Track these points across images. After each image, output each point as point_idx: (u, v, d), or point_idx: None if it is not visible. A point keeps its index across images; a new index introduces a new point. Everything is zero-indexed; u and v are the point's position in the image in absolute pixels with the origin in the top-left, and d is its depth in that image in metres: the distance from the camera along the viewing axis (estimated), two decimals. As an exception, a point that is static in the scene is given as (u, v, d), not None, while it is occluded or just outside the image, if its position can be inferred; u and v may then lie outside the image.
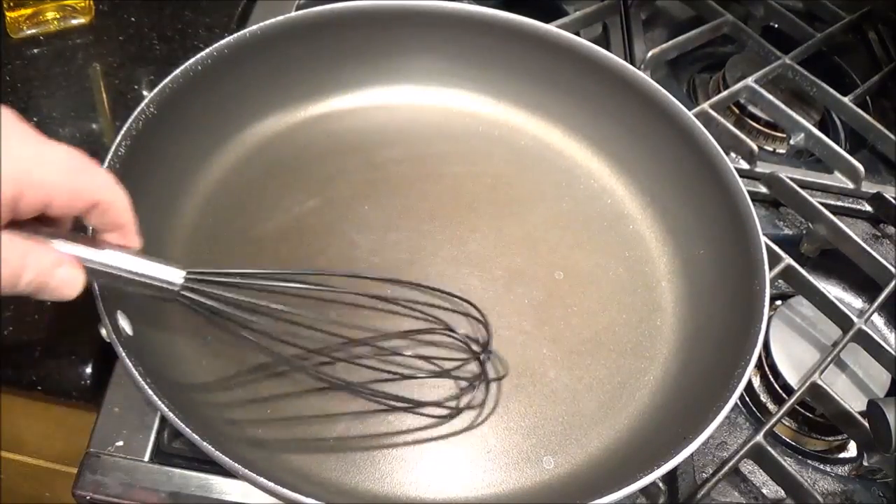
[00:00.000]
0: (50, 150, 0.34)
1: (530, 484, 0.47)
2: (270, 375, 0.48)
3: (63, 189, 0.34)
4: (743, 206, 0.53)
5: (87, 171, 0.36)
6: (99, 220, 0.37)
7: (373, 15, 0.61)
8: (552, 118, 0.64)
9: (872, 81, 0.78)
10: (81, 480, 0.46)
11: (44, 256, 0.36)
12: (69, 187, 0.35)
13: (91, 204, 0.36)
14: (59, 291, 0.37)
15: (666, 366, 0.52)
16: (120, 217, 0.38)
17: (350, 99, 0.63)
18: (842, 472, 0.55)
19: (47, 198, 0.34)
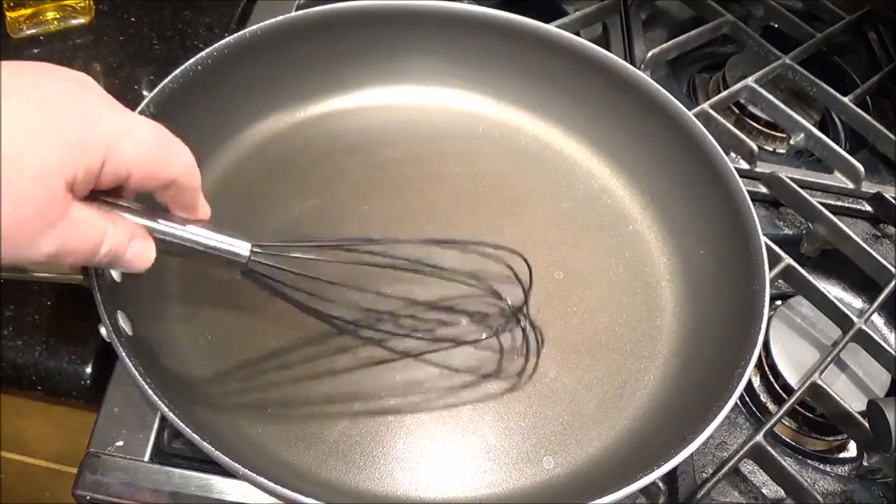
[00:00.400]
0: (137, 123, 0.35)
1: (530, 484, 0.47)
2: (270, 375, 0.49)
3: (145, 165, 0.34)
4: (743, 206, 0.53)
5: (170, 149, 0.36)
6: (172, 198, 0.38)
7: (373, 15, 0.61)
8: (552, 118, 0.64)
9: (872, 81, 0.78)
10: (81, 480, 0.46)
11: (121, 230, 0.36)
12: (152, 164, 0.35)
13: (168, 182, 0.36)
14: (131, 263, 0.37)
15: (666, 366, 0.52)
16: (193, 199, 0.38)
17: (350, 99, 0.63)
18: (842, 472, 0.55)
19: (128, 172, 0.34)
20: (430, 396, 0.49)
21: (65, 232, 0.32)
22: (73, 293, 0.46)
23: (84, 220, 0.34)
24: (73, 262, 0.34)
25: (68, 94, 0.33)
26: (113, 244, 0.35)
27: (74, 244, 0.33)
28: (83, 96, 0.33)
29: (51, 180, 0.31)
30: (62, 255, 0.33)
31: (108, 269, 0.45)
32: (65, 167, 0.31)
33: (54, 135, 0.31)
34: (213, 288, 0.52)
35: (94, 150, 0.32)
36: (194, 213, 0.39)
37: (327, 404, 0.48)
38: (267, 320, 0.51)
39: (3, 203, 0.30)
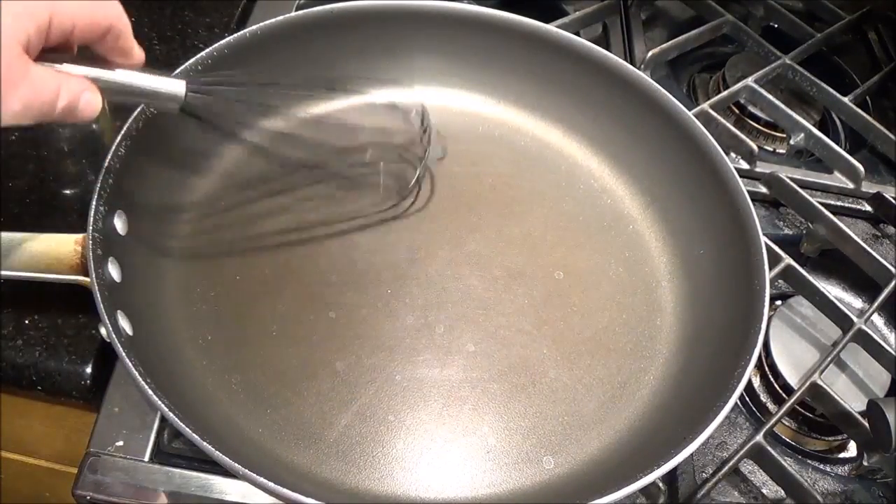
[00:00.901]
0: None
1: (530, 484, 0.47)
2: (271, 375, 0.49)
3: (86, 16, 0.39)
4: (743, 206, 0.53)
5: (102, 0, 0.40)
6: (111, 45, 0.41)
7: (373, 15, 0.61)
8: (552, 118, 0.64)
9: (872, 81, 0.78)
10: (81, 480, 0.46)
11: (73, 83, 0.39)
12: (91, 13, 0.39)
13: (106, 29, 0.40)
14: (83, 112, 0.40)
15: (666, 366, 0.52)
16: (127, 41, 0.42)
17: (350, 99, 0.63)
18: (842, 472, 0.55)
19: (72, 23, 0.38)
20: (430, 396, 0.49)
21: (27, 90, 0.36)
22: (73, 293, 0.46)
23: (42, 77, 0.37)
24: (36, 116, 0.38)
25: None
26: (68, 97, 0.39)
27: (37, 99, 0.37)
28: None
29: (8, 45, 0.35)
30: (27, 112, 0.37)
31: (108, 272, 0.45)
32: (18, 31, 0.35)
33: (3, 3, 0.35)
34: (213, 288, 0.52)
35: (40, 9, 0.36)
36: (131, 57, 0.42)
37: (328, 404, 0.48)
38: (267, 320, 0.51)
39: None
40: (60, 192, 0.58)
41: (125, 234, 0.48)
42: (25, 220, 0.56)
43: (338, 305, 0.52)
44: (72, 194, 0.58)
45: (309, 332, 0.51)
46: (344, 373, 0.49)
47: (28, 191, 0.57)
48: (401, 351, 0.51)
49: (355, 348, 0.50)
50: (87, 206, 0.46)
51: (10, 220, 0.56)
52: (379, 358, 0.50)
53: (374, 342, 0.51)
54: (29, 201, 0.57)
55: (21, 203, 0.57)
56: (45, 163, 0.59)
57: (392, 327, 0.52)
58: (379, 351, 0.50)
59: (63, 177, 0.59)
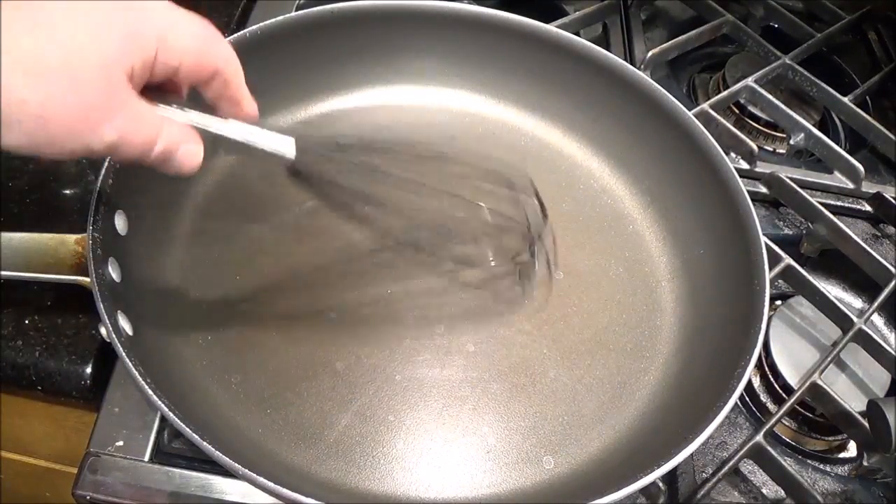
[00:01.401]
0: (185, 17, 0.36)
1: (530, 484, 0.47)
2: (271, 375, 0.49)
3: (192, 56, 0.36)
4: (743, 206, 0.53)
5: (215, 41, 0.38)
6: (218, 91, 0.39)
7: (373, 15, 0.61)
8: (552, 118, 0.64)
9: (872, 81, 0.78)
10: (81, 480, 0.46)
11: (175, 129, 0.37)
12: (198, 55, 0.37)
13: (214, 73, 0.38)
14: (181, 164, 0.38)
15: (666, 366, 0.52)
16: (238, 91, 0.40)
17: (350, 99, 0.63)
18: (842, 472, 0.55)
19: (178, 62, 0.36)
20: (430, 396, 0.49)
21: (125, 122, 0.34)
22: (73, 293, 0.46)
23: (143, 114, 0.35)
24: (130, 154, 0.35)
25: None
26: (167, 142, 0.37)
27: (133, 135, 0.35)
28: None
29: (112, 70, 0.33)
30: (121, 146, 0.34)
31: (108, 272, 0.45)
32: (124, 58, 0.33)
33: (112, 29, 0.33)
34: (213, 288, 0.52)
35: (148, 41, 0.34)
36: (240, 106, 0.40)
37: (328, 404, 0.48)
38: (267, 320, 0.51)
39: (67, 93, 0.32)
40: (60, 192, 0.58)
41: (125, 234, 0.48)
42: (25, 220, 0.56)
43: (338, 305, 0.52)
44: (72, 194, 0.58)
45: (309, 332, 0.51)
46: (344, 373, 0.49)
47: (28, 191, 0.57)
48: (401, 351, 0.51)
49: (355, 348, 0.50)
50: (87, 206, 0.46)
51: (10, 220, 0.56)
52: (379, 358, 0.50)
53: (374, 342, 0.51)
54: (29, 201, 0.57)
55: (21, 203, 0.57)
56: (45, 163, 0.59)
57: (392, 327, 0.52)
58: (379, 351, 0.50)
59: (63, 177, 0.59)
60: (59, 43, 0.31)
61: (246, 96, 0.40)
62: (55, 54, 0.31)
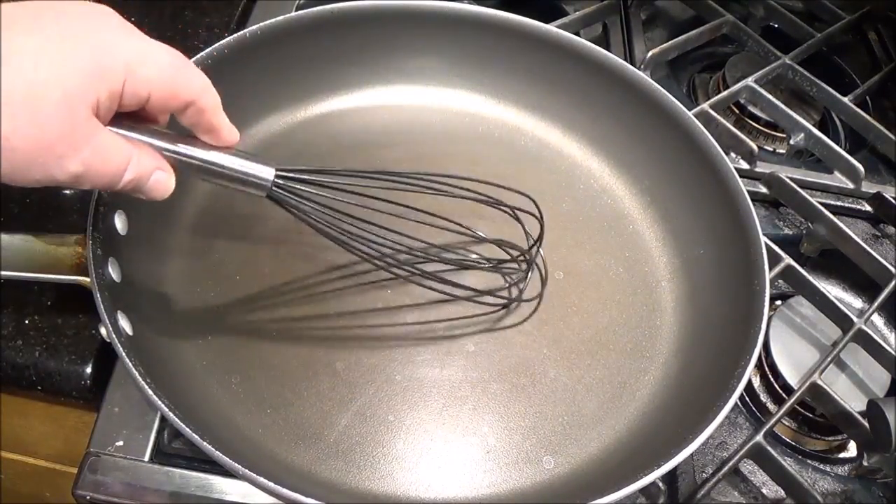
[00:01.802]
0: (154, 48, 0.37)
1: (530, 484, 0.47)
2: (271, 375, 0.49)
3: (164, 86, 0.36)
4: (743, 206, 0.53)
5: (186, 71, 0.38)
6: (193, 119, 0.39)
7: (373, 15, 0.61)
8: (552, 118, 0.64)
9: (872, 81, 0.78)
10: (81, 480, 0.46)
11: (145, 159, 0.38)
12: (169, 85, 0.37)
13: (187, 103, 0.38)
14: (151, 192, 0.39)
15: (666, 366, 0.52)
16: (213, 118, 0.39)
17: (350, 99, 0.63)
18: (842, 472, 0.55)
19: (148, 93, 0.36)
20: (430, 396, 0.49)
21: (91, 155, 0.35)
22: (73, 293, 0.46)
23: (110, 146, 0.36)
24: (98, 184, 0.36)
25: (87, 24, 0.35)
26: (136, 172, 0.37)
27: (100, 167, 0.35)
28: (101, 24, 0.35)
29: (74, 105, 0.33)
30: (88, 177, 0.35)
31: (108, 272, 0.45)
32: (87, 92, 0.34)
33: (76, 63, 0.33)
34: (213, 288, 0.52)
35: (114, 73, 0.34)
36: (217, 135, 0.40)
37: (328, 404, 0.48)
38: (267, 320, 0.51)
39: (30, 126, 0.32)
40: (60, 192, 0.58)
41: (125, 234, 0.48)
42: (25, 220, 0.56)
43: (338, 306, 0.52)
44: (72, 194, 0.58)
45: (309, 332, 0.51)
46: (344, 373, 0.49)
47: (28, 191, 0.57)
48: (401, 351, 0.51)
49: (355, 348, 0.50)
50: (87, 206, 0.46)
51: (10, 220, 0.56)
52: (379, 358, 0.50)
53: (374, 342, 0.51)
54: (29, 201, 0.57)
55: (21, 203, 0.57)
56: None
57: (392, 327, 0.52)
58: (379, 351, 0.50)
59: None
60: (24, 77, 0.32)
61: (223, 125, 0.40)
62: (19, 89, 0.32)
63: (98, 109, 0.35)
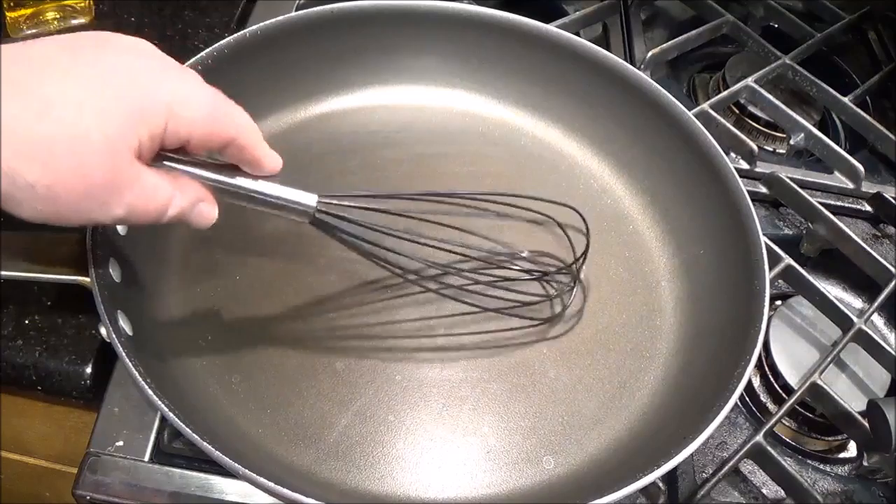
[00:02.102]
0: (195, 88, 0.37)
1: (530, 484, 0.47)
2: (271, 375, 0.49)
3: (202, 126, 0.36)
4: (743, 206, 0.53)
5: (227, 112, 0.38)
6: (235, 155, 0.39)
7: (373, 15, 0.61)
8: (552, 118, 0.64)
9: (872, 81, 0.78)
10: (81, 480, 0.46)
11: (188, 193, 0.38)
12: (210, 125, 0.37)
13: (227, 142, 0.38)
14: (195, 223, 0.39)
15: (666, 366, 0.52)
16: (255, 153, 0.39)
17: (350, 99, 0.63)
18: (842, 472, 0.55)
19: (189, 133, 0.36)
20: (430, 396, 0.49)
21: (133, 198, 0.35)
22: (73, 293, 0.46)
23: (152, 186, 0.36)
24: (141, 222, 0.36)
25: (126, 65, 0.34)
26: (180, 207, 0.37)
27: (143, 208, 0.36)
28: (141, 65, 0.35)
29: (117, 150, 0.33)
30: (131, 218, 0.35)
31: (108, 272, 0.45)
32: (128, 136, 0.33)
33: (116, 107, 0.33)
34: (213, 288, 0.52)
35: (155, 116, 0.34)
36: (259, 168, 0.40)
37: (328, 404, 0.48)
38: (266, 321, 0.51)
39: (73, 175, 0.32)
40: (60, 192, 0.58)
41: (125, 234, 0.48)
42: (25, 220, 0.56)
43: (338, 305, 0.52)
44: (72, 194, 0.58)
45: (309, 332, 0.51)
46: (344, 373, 0.49)
47: (28, 191, 0.57)
48: (401, 351, 0.51)
49: (355, 348, 0.50)
50: (87, 206, 0.46)
51: (10, 220, 0.55)
52: (379, 358, 0.50)
53: (374, 342, 0.51)
54: (29, 201, 0.57)
55: (21, 203, 0.57)
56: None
57: (392, 327, 0.52)
58: (379, 351, 0.50)
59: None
60: (66, 126, 0.32)
61: (265, 156, 0.40)
62: (61, 138, 0.31)
63: (140, 152, 0.34)
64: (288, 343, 0.50)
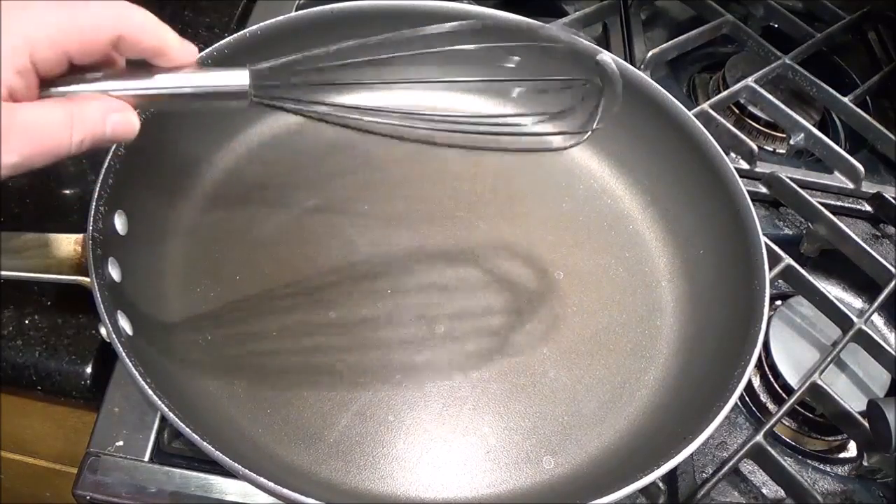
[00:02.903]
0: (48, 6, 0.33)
1: (530, 484, 0.47)
2: (271, 375, 0.49)
3: (75, 36, 0.33)
4: (743, 206, 0.53)
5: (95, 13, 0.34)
6: (134, 51, 0.35)
7: (373, 15, 0.61)
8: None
9: (872, 81, 0.78)
10: (81, 480, 0.46)
11: (89, 110, 0.34)
12: (80, 32, 0.33)
13: (112, 40, 0.34)
14: (116, 138, 0.35)
15: (666, 366, 0.52)
16: (153, 40, 0.35)
17: (350, 99, 0.63)
18: (842, 472, 0.55)
19: (63, 52, 0.33)
20: (430, 396, 0.49)
21: (20, 142, 0.32)
22: (73, 293, 0.46)
23: (38, 120, 0.33)
24: (48, 160, 0.33)
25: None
26: (85, 128, 0.34)
27: (38, 147, 0.33)
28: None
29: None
30: (32, 161, 0.33)
31: (108, 272, 0.45)
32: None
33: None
34: (213, 288, 0.52)
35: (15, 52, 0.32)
36: (168, 56, 0.36)
37: (328, 404, 0.48)
38: (267, 320, 0.51)
39: None
40: (60, 192, 0.58)
41: (125, 234, 0.48)
42: (25, 220, 0.56)
43: (338, 305, 0.52)
44: (72, 194, 0.58)
45: (309, 332, 0.51)
46: (344, 373, 0.49)
47: (28, 191, 0.57)
48: (401, 351, 0.51)
49: (355, 348, 0.50)
50: (87, 206, 0.46)
51: (10, 220, 0.56)
52: (379, 358, 0.50)
53: (374, 342, 0.51)
54: (29, 201, 0.57)
55: (21, 203, 0.57)
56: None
57: (392, 327, 0.52)
58: (379, 351, 0.50)
59: (63, 177, 0.59)
60: None
61: (169, 44, 0.36)
62: None
63: (12, 93, 0.32)
64: (288, 343, 0.50)
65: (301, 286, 0.53)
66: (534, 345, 0.52)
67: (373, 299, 0.53)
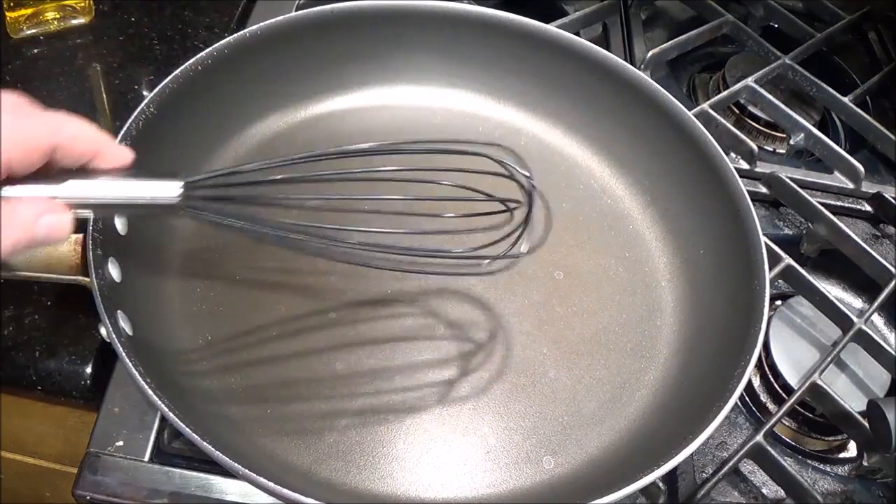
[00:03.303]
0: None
1: (530, 484, 0.47)
2: (271, 375, 0.49)
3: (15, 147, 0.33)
4: (743, 206, 0.53)
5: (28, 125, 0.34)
6: (71, 158, 0.35)
7: (373, 15, 0.61)
8: (552, 118, 0.64)
9: (872, 81, 0.78)
10: (81, 480, 0.46)
11: (20, 215, 0.34)
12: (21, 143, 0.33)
13: (48, 149, 0.34)
14: (48, 240, 0.35)
15: (666, 366, 0.52)
16: (89, 147, 0.36)
17: (350, 99, 0.63)
18: (842, 472, 0.55)
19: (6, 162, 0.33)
20: (429, 396, 0.49)
21: None
22: (73, 293, 0.46)
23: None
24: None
25: None
26: (18, 233, 0.34)
27: None
28: None
29: None
30: None
31: (108, 272, 0.45)
32: None
33: None
34: (213, 288, 0.52)
35: None
36: (104, 161, 0.36)
37: (327, 404, 0.48)
38: (267, 320, 0.51)
39: None
40: (60, 192, 0.58)
41: (125, 234, 0.48)
42: (25, 220, 0.56)
43: (338, 305, 0.52)
44: (72, 194, 0.58)
45: (309, 332, 0.51)
46: (344, 373, 0.49)
47: (28, 191, 0.57)
48: (401, 351, 0.51)
49: (355, 348, 0.50)
50: (87, 206, 0.46)
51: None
52: (379, 358, 0.50)
53: (374, 342, 0.51)
54: (29, 201, 0.57)
55: (21, 203, 0.57)
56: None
57: (392, 327, 0.52)
58: (379, 351, 0.50)
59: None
60: None
61: (100, 147, 0.36)
62: None
63: None
64: (288, 343, 0.50)
65: (301, 286, 0.53)
66: (534, 345, 0.52)
67: (373, 299, 0.53)
